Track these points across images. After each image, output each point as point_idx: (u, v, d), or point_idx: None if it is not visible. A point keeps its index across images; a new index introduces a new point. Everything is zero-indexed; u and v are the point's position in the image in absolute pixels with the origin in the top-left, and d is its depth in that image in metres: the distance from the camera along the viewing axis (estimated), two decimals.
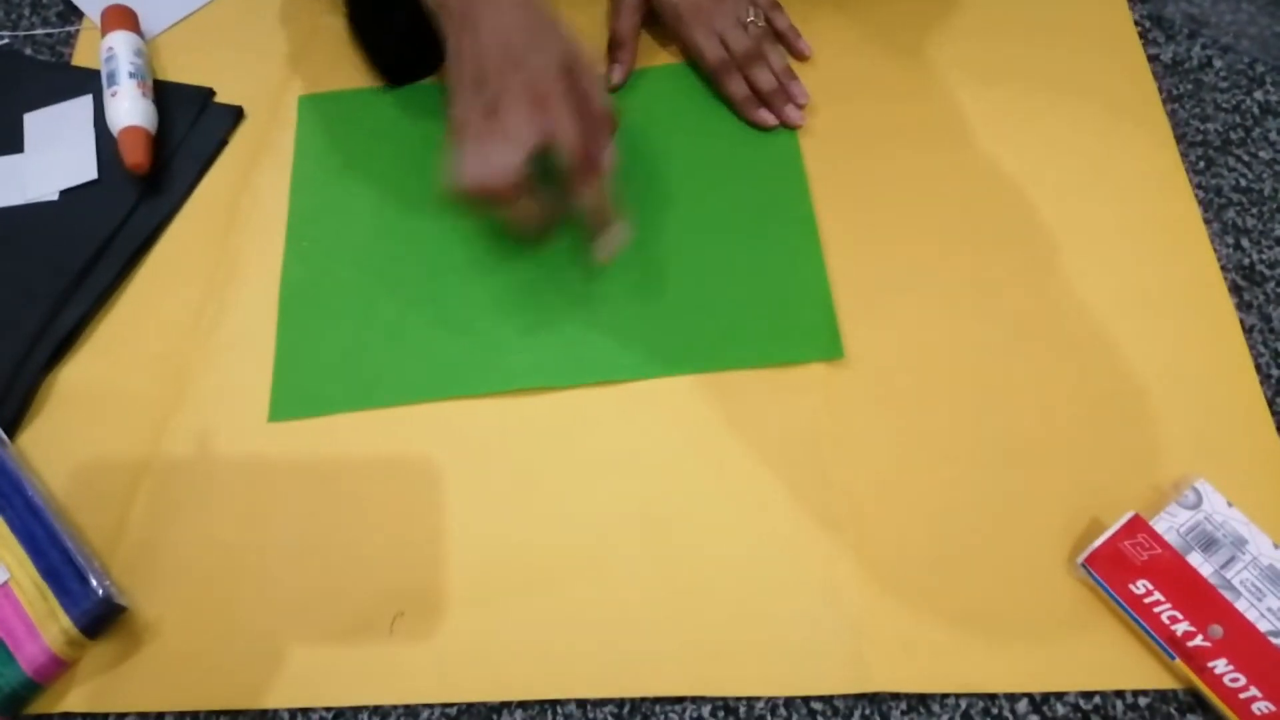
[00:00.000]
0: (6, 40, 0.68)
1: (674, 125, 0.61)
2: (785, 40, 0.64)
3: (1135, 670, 0.45)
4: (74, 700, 0.46)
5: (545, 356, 0.54)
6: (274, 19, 0.67)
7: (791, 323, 0.54)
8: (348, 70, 0.65)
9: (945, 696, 0.45)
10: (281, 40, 0.67)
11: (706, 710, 0.45)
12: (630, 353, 0.53)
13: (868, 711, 0.45)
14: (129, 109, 0.59)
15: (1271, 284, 0.55)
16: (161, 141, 0.61)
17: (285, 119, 0.63)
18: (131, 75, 0.61)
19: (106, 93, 0.61)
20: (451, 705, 0.46)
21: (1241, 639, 0.43)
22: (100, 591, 0.45)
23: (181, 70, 0.65)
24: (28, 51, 0.67)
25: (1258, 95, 0.62)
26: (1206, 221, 0.57)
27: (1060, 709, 0.44)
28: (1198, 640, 0.44)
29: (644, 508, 0.50)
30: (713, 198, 0.58)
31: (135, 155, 0.58)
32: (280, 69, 0.65)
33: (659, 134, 0.61)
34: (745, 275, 0.56)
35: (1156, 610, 0.44)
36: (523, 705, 0.46)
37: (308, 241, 0.58)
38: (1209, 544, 0.46)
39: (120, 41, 0.62)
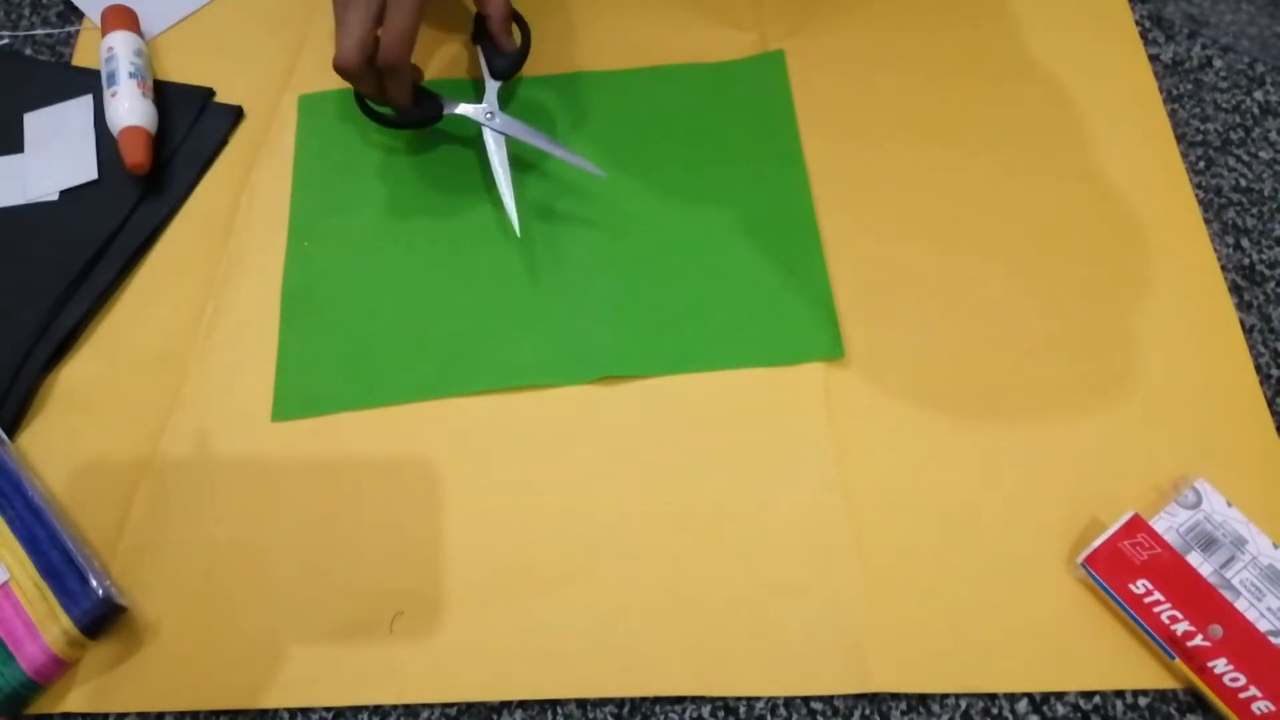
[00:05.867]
0: (6, 40, 0.68)
1: (675, 125, 0.61)
2: None
3: (1135, 670, 0.45)
4: (74, 700, 0.46)
5: (546, 355, 0.54)
6: (274, 19, 0.67)
7: (792, 323, 0.54)
8: None
9: (945, 696, 0.45)
10: (281, 40, 0.67)
11: (706, 710, 0.45)
12: (631, 352, 0.53)
13: (867, 711, 0.45)
14: (129, 109, 0.59)
15: (1271, 284, 0.55)
16: (161, 141, 0.61)
17: (285, 119, 0.63)
18: (131, 75, 0.61)
19: (106, 93, 0.61)
20: (451, 705, 0.46)
21: (1241, 639, 0.43)
22: (100, 591, 0.45)
23: (181, 70, 0.65)
24: (28, 51, 0.67)
25: (1258, 95, 0.62)
26: (1206, 221, 0.57)
27: (1060, 709, 0.44)
28: (1197, 640, 0.44)
29: (644, 507, 0.50)
30: (714, 197, 0.58)
31: (135, 155, 0.58)
32: (280, 69, 0.65)
33: (660, 134, 0.61)
34: (746, 275, 0.56)
35: (1156, 610, 0.44)
36: (522, 705, 0.46)
37: (309, 241, 0.58)
38: (1209, 544, 0.46)
39: (120, 41, 0.62)
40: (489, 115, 0.58)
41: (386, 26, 0.52)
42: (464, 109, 0.58)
